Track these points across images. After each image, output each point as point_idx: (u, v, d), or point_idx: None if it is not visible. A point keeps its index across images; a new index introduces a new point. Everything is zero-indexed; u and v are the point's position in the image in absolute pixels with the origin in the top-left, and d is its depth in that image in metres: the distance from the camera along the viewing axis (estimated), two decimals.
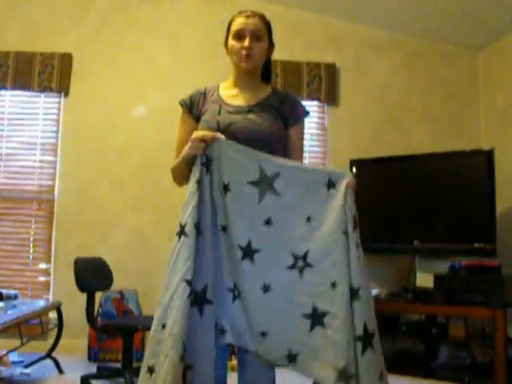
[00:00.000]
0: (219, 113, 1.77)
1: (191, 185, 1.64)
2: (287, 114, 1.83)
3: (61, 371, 3.36)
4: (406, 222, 3.87)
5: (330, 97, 4.26)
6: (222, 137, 1.66)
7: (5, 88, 4.07)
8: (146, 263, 4.01)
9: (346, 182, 1.63)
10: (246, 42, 1.76)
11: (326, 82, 4.23)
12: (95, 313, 3.26)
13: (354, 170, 4.05)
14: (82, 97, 4.16)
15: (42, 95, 4.16)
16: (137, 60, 4.23)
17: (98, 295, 3.58)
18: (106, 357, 3.73)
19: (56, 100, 4.18)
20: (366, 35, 4.40)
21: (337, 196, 1.63)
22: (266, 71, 1.91)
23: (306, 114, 1.89)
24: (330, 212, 1.62)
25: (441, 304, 3.41)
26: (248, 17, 1.79)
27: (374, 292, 3.72)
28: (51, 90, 4.08)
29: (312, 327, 1.59)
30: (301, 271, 1.63)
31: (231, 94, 1.84)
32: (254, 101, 1.82)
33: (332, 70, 4.27)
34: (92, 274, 3.10)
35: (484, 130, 4.35)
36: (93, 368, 3.44)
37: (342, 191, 1.62)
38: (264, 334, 1.61)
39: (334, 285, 1.57)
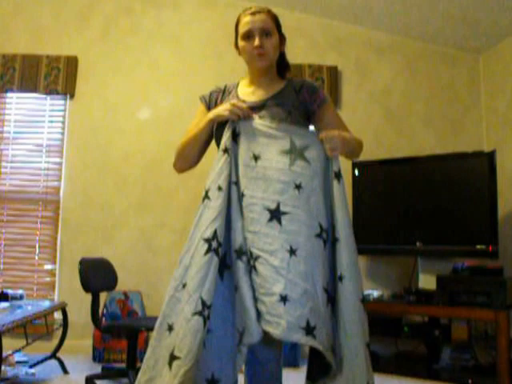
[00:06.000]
0: None
1: (218, 153, 1.69)
2: (308, 100, 1.82)
3: (66, 371, 3.38)
4: (408, 224, 3.88)
5: (332, 99, 4.26)
6: (256, 117, 1.71)
7: (11, 90, 4.11)
8: (151, 264, 4.04)
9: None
10: (257, 41, 1.75)
11: (327, 85, 4.25)
12: (100, 313, 3.29)
13: (357, 172, 4.08)
14: (88, 99, 4.20)
15: (48, 98, 4.21)
16: (141, 63, 4.27)
17: (103, 296, 3.60)
18: (110, 357, 3.75)
19: (62, 102, 4.22)
20: (367, 38, 4.42)
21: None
22: (281, 65, 1.90)
23: (326, 99, 1.86)
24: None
25: (443, 305, 3.42)
26: (254, 14, 1.77)
27: (377, 293, 3.74)
28: (57, 93, 4.13)
29: (328, 302, 1.58)
30: (324, 243, 1.62)
31: (248, 92, 1.86)
32: (266, 96, 1.81)
33: (334, 73, 4.29)
34: (97, 275, 3.12)
35: (485, 132, 4.36)
36: (97, 368, 3.46)
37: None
38: (284, 299, 1.51)
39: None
